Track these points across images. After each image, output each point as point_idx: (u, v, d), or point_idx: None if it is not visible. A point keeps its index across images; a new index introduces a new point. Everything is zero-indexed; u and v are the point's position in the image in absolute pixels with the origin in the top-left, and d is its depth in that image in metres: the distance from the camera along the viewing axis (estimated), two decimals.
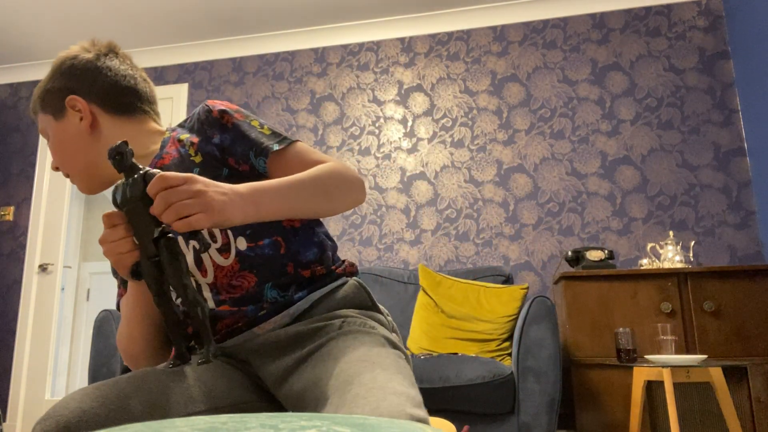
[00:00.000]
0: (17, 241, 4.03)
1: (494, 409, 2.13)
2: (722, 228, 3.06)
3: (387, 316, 0.99)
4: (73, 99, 1.03)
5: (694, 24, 3.31)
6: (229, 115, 1.00)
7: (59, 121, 1.05)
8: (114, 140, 1.06)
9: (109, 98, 1.06)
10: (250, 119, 1.01)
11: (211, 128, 1.00)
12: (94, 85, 1.05)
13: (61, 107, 1.04)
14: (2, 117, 4.28)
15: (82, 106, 1.03)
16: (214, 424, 0.37)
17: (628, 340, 2.36)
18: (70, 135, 1.04)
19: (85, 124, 1.04)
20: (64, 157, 1.05)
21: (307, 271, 0.95)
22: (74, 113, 1.04)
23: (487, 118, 3.48)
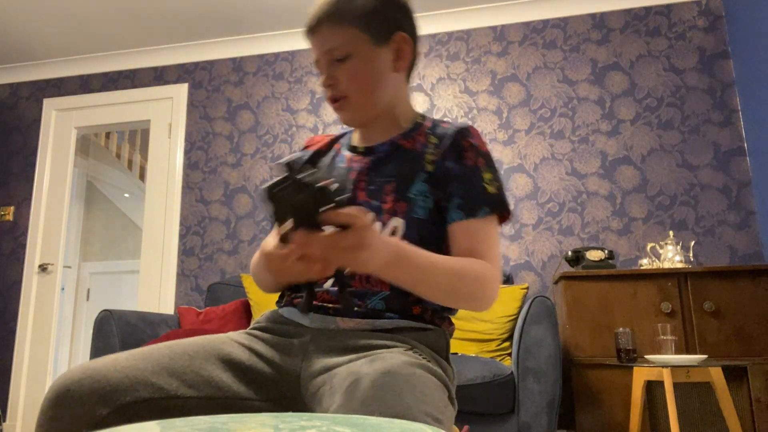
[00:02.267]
0: (17, 241, 4.03)
1: (494, 409, 2.13)
2: (722, 228, 3.06)
3: (454, 371, 0.99)
4: (405, 37, 1.01)
5: (694, 24, 3.31)
6: (473, 153, 0.98)
7: (378, 48, 0.99)
8: (399, 93, 1.05)
9: (417, 51, 1.06)
10: (484, 170, 0.98)
11: (453, 151, 0.99)
12: (415, 31, 1.04)
13: (386, 37, 1.00)
14: (2, 117, 4.28)
15: (407, 47, 1.02)
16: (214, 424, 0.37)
17: (628, 340, 2.36)
18: (384, 68, 1.00)
19: (400, 66, 1.02)
20: (363, 84, 0.99)
21: (418, 308, 0.95)
22: (393, 48, 1.01)
23: (487, 118, 3.48)
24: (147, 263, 3.79)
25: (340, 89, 1.00)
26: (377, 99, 1.01)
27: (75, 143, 4.15)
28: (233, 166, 3.79)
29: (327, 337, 0.91)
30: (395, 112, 1.06)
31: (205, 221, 3.76)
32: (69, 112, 4.17)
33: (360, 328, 0.92)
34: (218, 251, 3.69)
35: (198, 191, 3.82)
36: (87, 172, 5.54)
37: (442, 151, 0.99)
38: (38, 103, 4.23)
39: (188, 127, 3.93)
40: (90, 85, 4.17)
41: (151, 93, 4.03)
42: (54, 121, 4.17)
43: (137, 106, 4.06)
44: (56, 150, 4.13)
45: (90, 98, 4.13)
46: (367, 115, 1.03)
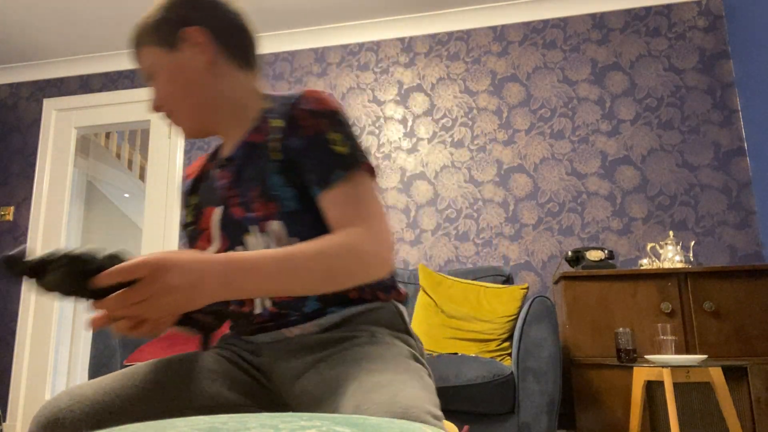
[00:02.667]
0: (17, 241, 4.03)
1: (494, 409, 2.13)
2: (722, 228, 3.06)
3: (418, 341, 0.96)
4: (194, 31, 0.95)
5: (694, 24, 3.31)
6: (312, 119, 0.89)
7: (173, 53, 0.96)
8: (227, 86, 0.97)
9: (231, 38, 0.98)
10: (329, 132, 0.88)
11: (291, 127, 0.90)
12: (219, 21, 0.97)
13: (176, 39, 0.95)
14: (2, 117, 4.28)
15: (203, 39, 0.95)
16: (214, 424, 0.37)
17: (628, 340, 2.36)
18: (186, 69, 0.95)
19: (204, 59, 0.95)
20: (174, 92, 0.96)
21: (354, 292, 0.91)
22: (191, 46, 0.95)
23: (487, 118, 3.48)
24: None
25: (163, 106, 0.98)
26: (196, 103, 0.97)
27: (75, 143, 4.15)
28: None
29: (282, 345, 0.92)
30: (237, 108, 0.99)
31: None
32: (69, 112, 4.17)
33: (307, 332, 0.91)
34: None
35: None
36: (87, 172, 5.54)
37: (282, 132, 0.91)
38: (38, 103, 4.23)
39: None
40: (90, 85, 4.17)
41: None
42: (54, 121, 4.17)
43: (137, 106, 4.06)
44: (56, 150, 4.13)
45: (90, 98, 4.13)
46: (198, 123, 0.99)
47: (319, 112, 0.89)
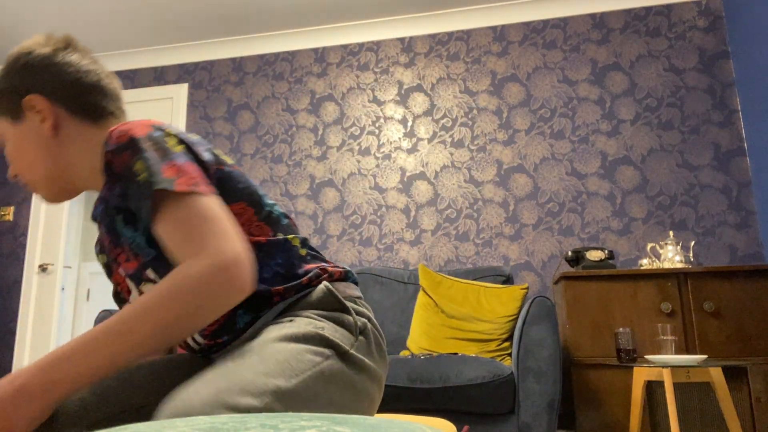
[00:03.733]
0: (17, 241, 4.03)
1: (494, 409, 2.13)
2: (722, 228, 3.06)
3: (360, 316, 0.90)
4: (33, 98, 0.93)
5: (694, 24, 3.31)
6: (117, 158, 0.82)
7: (17, 125, 0.94)
8: (78, 147, 0.94)
9: (71, 97, 0.94)
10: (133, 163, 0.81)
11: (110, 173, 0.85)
12: (54, 83, 0.94)
13: (18, 109, 0.94)
14: None
15: (43, 106, 0.93)
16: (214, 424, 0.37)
17: (628, 340, 2.36)
18: (31, 139, 0.94)
19: (47, 126, 0.93)
20: (23, 164, 0.95)
21: (279, 287, 0.87)
22: (34, 115, 0.93)
23: (487, 118, 3.48)
24: None
25: (19, 176, 0.97)
26: (48, 173, 0.94)
27: None
28: None
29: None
30: (92, 166, 0.95)
31: None
32: None
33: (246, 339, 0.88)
34: None
35: None
36: None
37: (106, 184, 0.87)
38: None
39: (188, 127, 3.93)
40: None
41: (151, 93, 4.03)
42: None
43: (137, 106, 4.06)
44: None
45: None
46: (55, 190, 0.96)
47: (120, 147, 0.82)
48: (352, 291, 0.94)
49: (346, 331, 0.85)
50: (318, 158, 3.67)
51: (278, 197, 3.68)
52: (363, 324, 0.88)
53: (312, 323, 0.82)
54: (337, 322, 0.85)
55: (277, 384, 0.69)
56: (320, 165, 3.66)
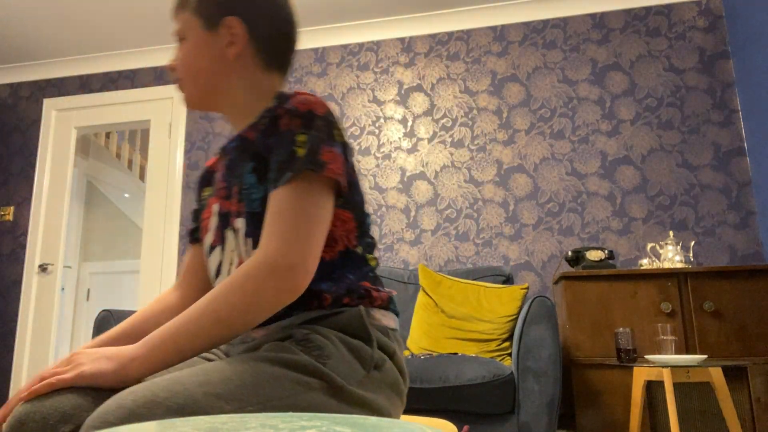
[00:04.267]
0: (17, 241, 4.03)
1: (494, 409, 2.13)
2: (722, 228, 3.06)
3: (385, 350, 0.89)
4: (235, 21, 0.96)
5: (694, 24, 3.31)
6: (288, 117, 0.88)
7: (208, 32, 0.98)
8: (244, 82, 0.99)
9: (267, 38, 0.98)
10: (299, 132, 0.86)
11: (271, 124, 0.91)
12: (261, 18, 0.97)
13: (216, 21, 0.97)
14: (2, 117, 4.28)
15: (239, 32, 0.96)
16: (214, 424, 0.37)
17: (628, 340, 2.36)
18: (211, 52, 0.97)
19: (232, 50, 0.97)
20: (190, 66, 0.98)
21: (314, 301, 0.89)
22: (226, 34, 0.97)
23: (487, 118, 3.48)
24: (147, 263, 3.79)
25: (177, 69, 1.01)
26: (206, 84, 0.99)
27: (75, 143, 4.15)
28: None
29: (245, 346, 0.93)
30: (245, 103, 1.00)
31: None
32: (69, 112, 4.17)
33: (271, 333, 0.90)
34: None
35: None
36: (87, 172, 5.54)
37: (264, 131, 0.92)
38: (38, 103, 4.23)
39: (188, 127, 3.93)
40: (90, 85, 4.17)
41: (151, 93, 4.03)
42: (54, 121, 4.17)
43: (137, 106, 4.06)
44: (56, 150, 4.13)
45: (90, 98, 4.13)
46: (198, 99, 1.01)
47: (297, 112, 0.87)
48: (388, 321, 0.94)
49: (358, 363, 0.85)
50: None
51: None
52: (381, 359, 0.88)
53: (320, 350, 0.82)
54: (354, 351, 0.85)
55: (222, 408, 0.71)
56: None
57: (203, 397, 0.69)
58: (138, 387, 0.69)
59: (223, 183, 0.97)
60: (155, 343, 0.78)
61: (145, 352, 0.77)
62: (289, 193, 0.83)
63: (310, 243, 0.82)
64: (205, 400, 0.68)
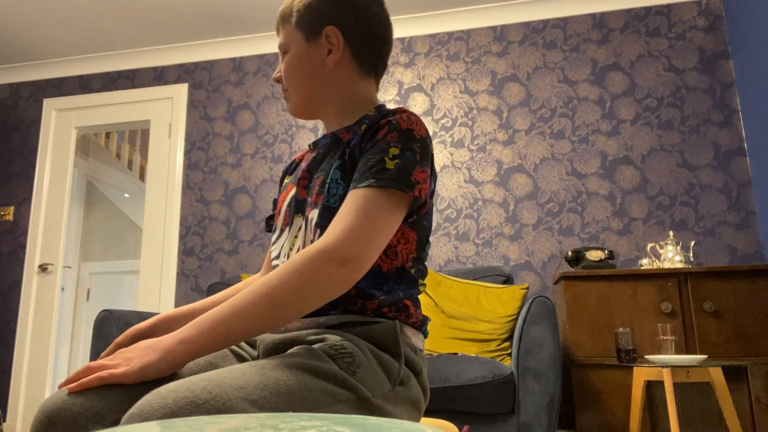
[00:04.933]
0: (17, 241, 4.03)
1: (494, 409, 2.13)
2: (722, 228, 3.06)
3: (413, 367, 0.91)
4: (333, 30, 1.02)
5: (694, 24, 3.31)
6: (388, 129, 0.92)
7: (308, 44, 1.04)
8: (344, 88, 1.05)
9: (363, 44, 1.04)
10: (392, 144, 0.90)
11: (369, 131, 0.95)
12: (356, 25, 1.03)
13: (317, 32, 1.03)
14: (2, 117, 4.28)
15: (338, 40, 1.02)
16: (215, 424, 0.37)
17: (628, 340, 2.36)
18: (312, 61, 1.04)
19: (332, 58, 1.03)
20: (295, 77, 1.05)
21: (359, 302, 0.92)
22: (326, 43, 1.03)
23: (487, 118, 3.48)
24: (147, 263, 3.79)
25: (284, 81, 1.07)
26: (309, 92, 1.04)
27: (75, 143, 4.15)
28: (233, 166, 3.80)
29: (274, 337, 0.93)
30: (345, 107, 1.06)
31: (205, 221, 3.76)
32: (69, 112, 4.17)
33: (305, 327, 0.92)
34: (218, 251, 3.69)
35: (198, 191, 3.82)
36: (87, 172, 5.54)
37: (362, 135, 0.96)
38: (38, 103, 4.23)
39: (188, 127, 3.93)
40: (90, 85, 4.17)
41: (151, 93, 4.03)
42: (54, 121, 4.17)
43: (137, 106, 4.06)
44: (56, 150, 4.13)
45: (90, 98, 4.13)
46: (303, 107, 1.07)
47: (398, 127, 0.92)
48: (417, 341, 0.96)
49: (385, 376, 0.86)
50: None
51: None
52: (407, 376, 0.90)
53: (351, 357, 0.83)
54: (382, 364, 0.87)
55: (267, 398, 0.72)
56: None
57: (239, 402, 0.68)
58: (179, 385, 0.69)
59: (306, 173, 1.03)
60: (206, 327, 0.78)
61: (193, 335, 0.78)
62: (367, 195, 0.86)
63: (370, 244, 0.85)
64: (241, 406, 0.68)
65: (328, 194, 0.94)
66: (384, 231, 0.86)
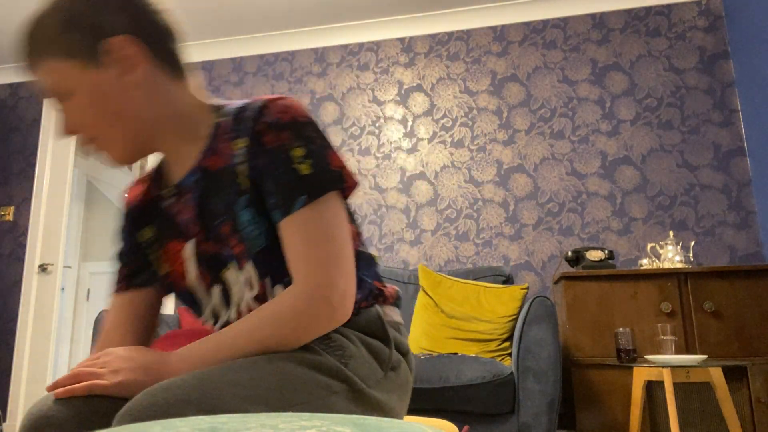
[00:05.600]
0: (17, 241, 4.03)
1: (494, 409, 2.13)
2: (722, 228, 3.06)
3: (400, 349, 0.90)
4: (121, 41, 0.78)
5: (694, 24, 3.31)
6: (274, 132, 0.78)
7: (93, 70, 0.78)
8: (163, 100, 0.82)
9: (158, 44, 0.81)
10: (292, 147, 0.78)
11: (255, 144, 0.79)
12: (141, 22, 0.79)
13: (96, 51, 0.78)
14: (2, 117, 4.28)
15: (132, 50, 0.78)
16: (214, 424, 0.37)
17: (628, 340, 2.36)
18: (114, 90, 0.79)
19: (132, 76, 0.79)
20: (102, 122, 0.80)
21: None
22: (119, 59, 0.78)
23: (487, 118, 3.48)
24: None
25: (84, 131, 0.82)
26: (131, 129, 0.82)
27: (75, 143, 4.16)
28: None
29: None
30: (182, 124, 0.85)
31: None
32: None
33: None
34: None
35: None
36: (87, 172, 5.54)
37: (247, 153, 0.79)
38: (38, 103, 4.23)
39: None
40: None
41: None
42: (54, 121, 4.17)
43: None
44: (56, 150, 4.13)
45: None
46: (129, 152, 0.84)
47: (282, 123, 0.78)
48: (397, 317, 0.94)
49: (377, 363, 0.84)
50: None
51: None
52: (397, 360, 0.88)
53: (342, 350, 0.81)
54: (373, 352, 0.85)
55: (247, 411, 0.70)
56: None
57: (232, 398, 0.67)
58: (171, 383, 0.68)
59: (196, 223, 0.86)
60: (196, 364, 0.76)
61: (184, 369, 0.76)
62: (308, 217, 0.77)
63: (349, 264, 0.79)
64: (233, 402, 0.67)
65: (252, 240, 0.81)
66: (347, 241, 0.80)
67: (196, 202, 0.85)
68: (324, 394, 0.75)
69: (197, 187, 0.85)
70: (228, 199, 0.82)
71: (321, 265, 0.77)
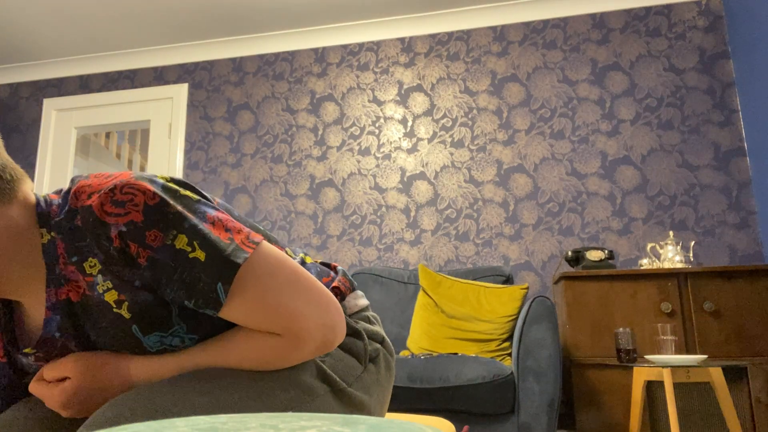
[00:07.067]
0: None
1: (494, 409, 2.13)
2: (722, 228, 3.06)
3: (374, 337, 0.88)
4: None
5: (694, 24, 3.31)
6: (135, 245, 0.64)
7: None
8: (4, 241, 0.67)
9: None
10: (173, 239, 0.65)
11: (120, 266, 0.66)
12: None
13: None
14: (2, 117, 4.28)
15: None
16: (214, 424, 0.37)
17: (628, 340, 2.36)
18: None
19: None
20: None
21: None
22: None
23: (487, 118, 3.48)
24: None
25: None
26: None
27: (75, 143, 4.15)
28: (233, 166, 3.79)
29: None
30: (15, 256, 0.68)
31: None
32: (69, 112, 4.17)
33: None
34: None
35: None
36: (87, 172, 5.54)
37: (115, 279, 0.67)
38: (38, 103, 4.23)
39: (188, 127, 3.93)
40: (90, 85, 4.17)
41: (151, 93, 4.03)
42: (54, 121, 4.17)
43: (137, 106, 4.06)
44: (56, 150, 4.13)
45: (90, 98, 4.13)
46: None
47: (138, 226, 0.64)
48: (360, 300, 0.91)
49: (353, 359, 0.82)
50: (318, 158, 3.67)
51: (278, 197, 3.68)
52: (374, 351, 0.85)
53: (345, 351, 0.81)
54: (345, 349, 0.83)
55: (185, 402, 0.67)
56: (320, 165, 3.66)
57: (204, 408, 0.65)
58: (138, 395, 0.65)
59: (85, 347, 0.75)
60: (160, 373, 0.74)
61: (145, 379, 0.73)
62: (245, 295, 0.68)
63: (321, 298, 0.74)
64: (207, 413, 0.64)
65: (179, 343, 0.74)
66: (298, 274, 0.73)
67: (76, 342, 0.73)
68: (307, 399, 0.74)
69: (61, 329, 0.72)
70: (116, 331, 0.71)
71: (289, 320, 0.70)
